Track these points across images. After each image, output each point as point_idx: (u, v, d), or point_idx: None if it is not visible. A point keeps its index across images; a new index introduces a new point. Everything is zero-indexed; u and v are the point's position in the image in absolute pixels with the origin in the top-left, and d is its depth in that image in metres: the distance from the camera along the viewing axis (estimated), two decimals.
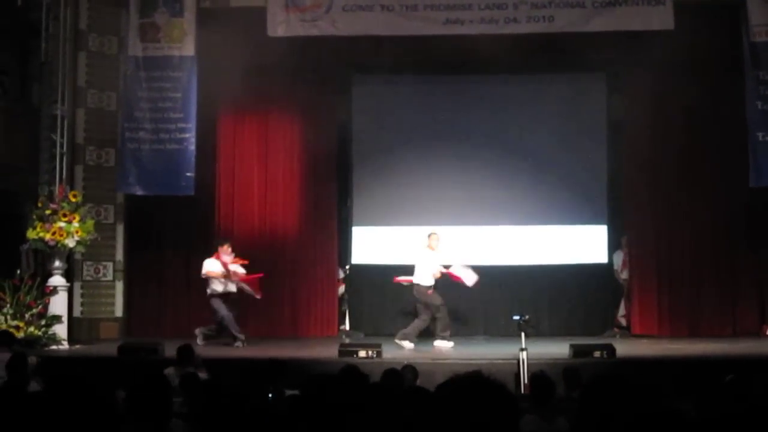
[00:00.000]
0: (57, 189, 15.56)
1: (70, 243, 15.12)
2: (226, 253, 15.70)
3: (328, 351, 13.96)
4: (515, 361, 11.96)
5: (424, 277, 15.69)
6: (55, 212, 15.07)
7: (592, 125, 17.91)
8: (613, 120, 18.00)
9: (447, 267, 15.80)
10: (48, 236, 14.93)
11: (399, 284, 16.15)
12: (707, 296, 17.28)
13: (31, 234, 15.05)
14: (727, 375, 7.77)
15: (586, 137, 17.85)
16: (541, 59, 17.30)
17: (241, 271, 15.70)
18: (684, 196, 17.27)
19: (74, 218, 15.16)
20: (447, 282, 15.93)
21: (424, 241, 15.97)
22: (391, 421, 3.30)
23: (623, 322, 17.49)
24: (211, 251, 16.11)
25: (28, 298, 14.67)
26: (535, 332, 14.03)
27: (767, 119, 15.40)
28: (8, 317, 14.44)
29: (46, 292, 14.96)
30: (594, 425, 4.54)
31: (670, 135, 17.15)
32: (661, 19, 15.41)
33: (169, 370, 10.38)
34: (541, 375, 7.77)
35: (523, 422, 6.71)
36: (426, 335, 15.80)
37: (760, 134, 15.39)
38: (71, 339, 15.34)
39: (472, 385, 3.32)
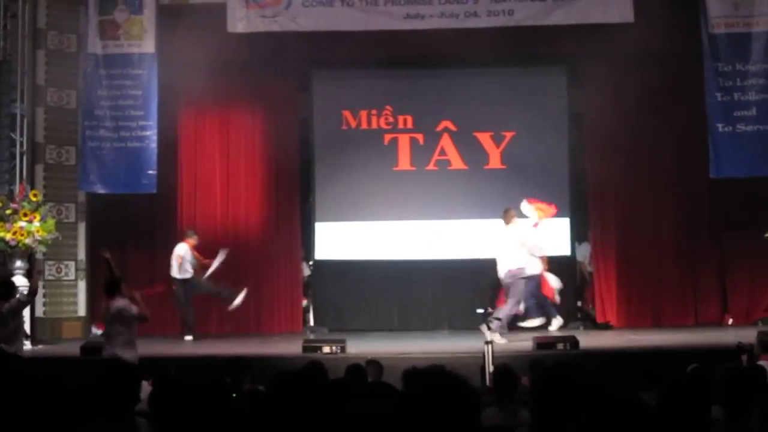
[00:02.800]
0: (17, 188, 15.44)
1: (31, 242, 15.01)
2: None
3: (292, 347, 13.95)
4: (480, 355, 11.99)
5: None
6: (15, 212, 14.94)
7: (553, 118, 17.94)
8: (574, 112, 18.06)
9: None
10: (9, 236, 14.80)
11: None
12: (670, 287, 17.40)
13: None
14: (689, 365, 7.84)
15: (548, 130, 17.88)
16: (502, 53, 17.33)
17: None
18: (645, 188, 17.36)
19: (35, 217, 15.05)
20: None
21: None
22: (352, 417, 3.30)
23: (592, 313, 17.59)
24: (173, 247, 16.14)
25: None
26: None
27: (726, 110, 15.54)
28: None
29: None
30: (551, 416, 4.57)
31: (630, 127, 17.22)
32: (621, 11, 15.48)
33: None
34: (503, 368, 7.78)
35: (486, 415, 6.74)
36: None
37: (719, 125, 15.51)
38: (34, 339, 15.22)
39: (434, 380, 3.33)
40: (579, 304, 17.91)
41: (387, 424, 3.22)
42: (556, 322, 16.49)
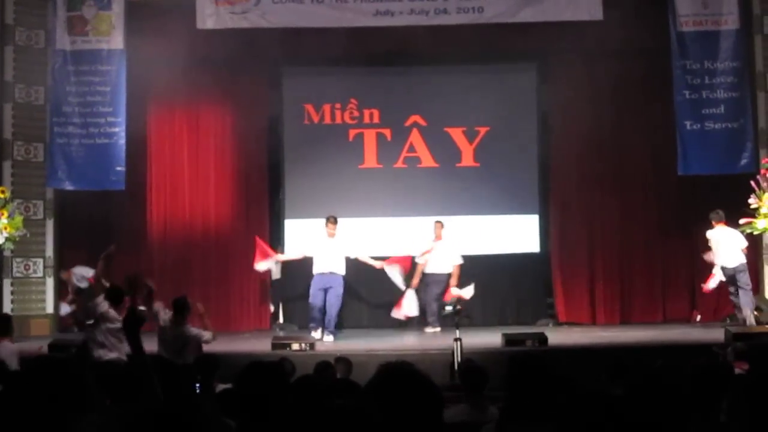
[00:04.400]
0: None
1: None
2: None
3: (261, 344, 13.94)
4: (449, 352, 12.02)
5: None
6: None
7: (522, 115, 17.97)
8: (543, 110, 18.08)
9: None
10: None
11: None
12: (638, 284, 17.50)
13: None
14: (656, 361, 7.87)
15: (517, 127, 17.91)
16: (472, 50, 17.36)
17: None
18: (614, 185, 17.42)
19: (2, 214, 14.99)
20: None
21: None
22: (315, 414, 3.29)
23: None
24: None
25: None
26: (468, 322, 14.08)
27: (695, 108, 15.64)
28: None
29: None
30: (520, 411, 4.59)
31: (599, 124, 17.29)
32: (590, 9, 15.57)
33: None
34: (470, 365, 7.79)
35: (455, 411, 6.75)
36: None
37: (687, 123, 15.62)
38: None
39: (397, 378, 3.33)
40: (549, 300, 17.93)
41: (350, 422, 3.22)
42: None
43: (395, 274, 16.21)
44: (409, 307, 16.23)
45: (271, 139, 18.15)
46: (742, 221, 15.46)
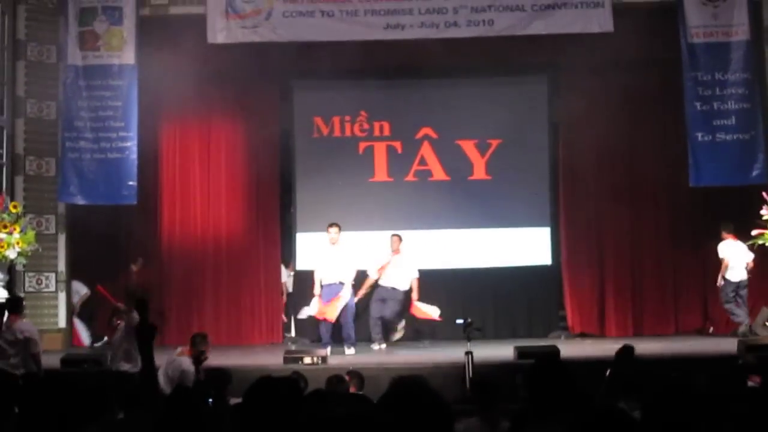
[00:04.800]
0: None
1: (11, 254, 14.94)
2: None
3: (273, 358, 13.92)
4: (461, 365, 11.99)
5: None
6: None
7: (534, 127, 17.97)
8: (554, 122, 18.09)
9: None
10: None
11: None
12: (650, 295, 17.48)
13: None
14: (671, 373, 7.84)
15: (529, 140, 17.91)
16: (483, 62, 17.41)
17: None
18: (626, 197, 17.41)
19: (15, 229, 14.98)
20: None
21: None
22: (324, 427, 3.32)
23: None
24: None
25: None
26: (480, 335, 14.05)
27: (706, 119, 15.61)
28: None
29: None
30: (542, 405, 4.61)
31: (610, 136, 17.28)
32: (601, 21, 15.58)
33: None
34: (482, 378, 7.78)
35: (465, 426, 6.74)
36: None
37: (699, 134, 15.58)
38: None
39: (409, 392, 3.34)
40: (561, 313, 17.90)
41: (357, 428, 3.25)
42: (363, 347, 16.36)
43: (425, 311, 16.22)
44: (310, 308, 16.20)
45: (282, 152, 18.18)
46: (754, 232, 15.44)
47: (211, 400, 7.89)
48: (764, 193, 15.32)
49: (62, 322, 16.79)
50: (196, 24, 15.67)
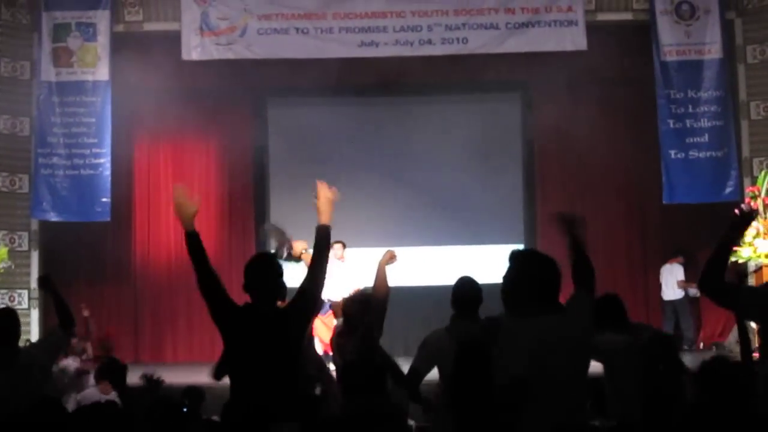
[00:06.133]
0: None
1: None
2: None
3: None
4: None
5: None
6: None
7: (507, 145, 18.03)
8: (528, 139, 18.13)
9: None
10: None
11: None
12: None
13: None
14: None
15: (502, 157, 17.93)
16: (457, 80, 17.44)
17: None
18: (599, 214, 17.42)
19: None
20: None
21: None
22: None
23: None
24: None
25: None
26: None
27: (679, 137, 15.73)
28: None
29: None
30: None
31: (584, 153, 17.31)
32: (574, 39, 15.67)
33: None
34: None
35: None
36: None
37: (672, 152, 15.70)
38: None
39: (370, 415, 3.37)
40: None
41: None
42: None
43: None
44: None
45: (257, 170, 18.15)
46: None
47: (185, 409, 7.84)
48: (736, 210, 15.36)
49: (34, 339, 16.66)
50: (170, 41, 15.69)
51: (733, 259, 15.31)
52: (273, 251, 14.65)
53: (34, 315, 16.69)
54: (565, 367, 5.06)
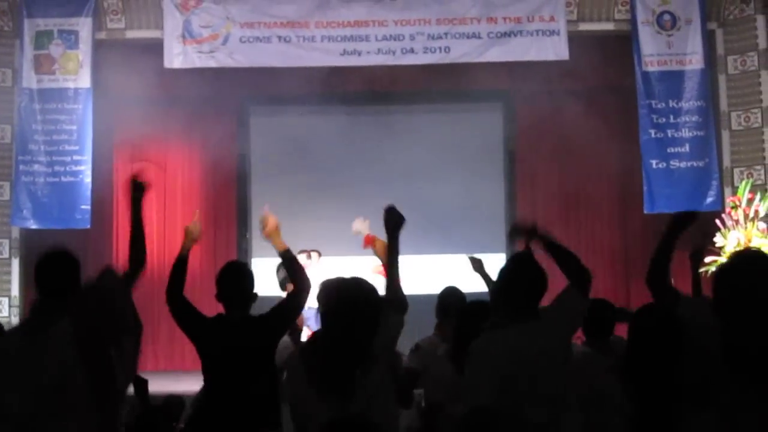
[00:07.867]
0: None
1: None
2: None
3: None
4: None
5: None
6: None
7: (489, 154, 18.07)
8: (509, 148, 18.17)
9: None
10: None
11: None
12: None
13: None
14: None
15: (484, 165, 17.98)
16: (439, 89, 17.45)
17: None
18: (580, 224, 17.50)
19: None
20: None
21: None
22: None
23: None
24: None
25: None
26: None
27: (660, 147, 15.78)
28: None
29: None
30: None
31: (565, 163, 17.39)
32: (556, 49, 15.71)
33: None
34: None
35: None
36: None
37: (653, 162, 15.75)
38: None
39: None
40: None
41: None
42: None
43: None
44: None
45: (240, 178, 18.14)
46: (707, 259, 15.53)
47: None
48: (717, 221, 15.44)
49: None
50: (152, 48, 15.67)
51: (713, 268, 15.36)
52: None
53: (15, 323, 16.61)
54: (541, 380, 5.06)
